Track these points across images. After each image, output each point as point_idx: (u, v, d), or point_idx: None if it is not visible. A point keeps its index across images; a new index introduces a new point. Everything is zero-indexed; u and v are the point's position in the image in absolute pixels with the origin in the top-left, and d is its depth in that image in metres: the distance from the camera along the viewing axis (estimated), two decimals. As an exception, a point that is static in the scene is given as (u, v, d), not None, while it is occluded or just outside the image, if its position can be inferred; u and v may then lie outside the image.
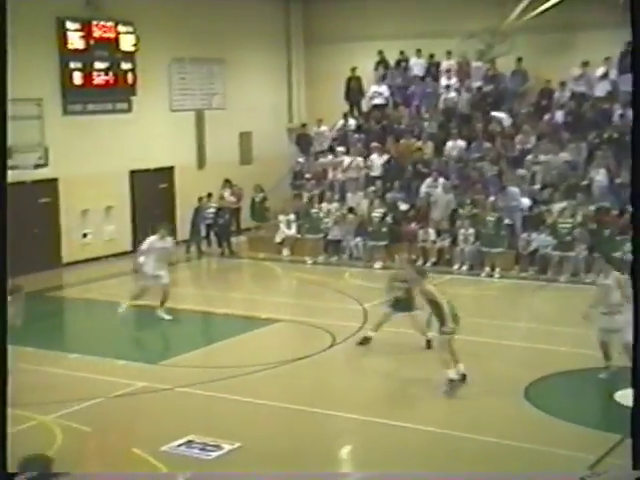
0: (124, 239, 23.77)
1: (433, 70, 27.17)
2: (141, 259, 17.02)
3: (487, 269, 21.07)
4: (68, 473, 6.65)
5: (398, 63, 27.68)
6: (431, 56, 27.14)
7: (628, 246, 20.15)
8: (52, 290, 19.90)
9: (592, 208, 21.48)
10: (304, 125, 28.42)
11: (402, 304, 14.40)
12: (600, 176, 22.25)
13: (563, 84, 25.11)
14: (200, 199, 24.45)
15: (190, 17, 25.22)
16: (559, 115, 24.69)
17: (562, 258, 20.40)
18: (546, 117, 24.85)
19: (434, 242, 22.18)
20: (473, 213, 22.19)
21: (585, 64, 24.80)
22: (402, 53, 27.49)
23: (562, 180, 22.69)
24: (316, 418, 11.43)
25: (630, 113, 23.52)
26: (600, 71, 24.75)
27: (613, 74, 24.67)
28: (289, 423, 11.37)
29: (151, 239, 17.06)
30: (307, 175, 26.23)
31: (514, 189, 22.27)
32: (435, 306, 12.12)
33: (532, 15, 24.18)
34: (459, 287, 19.12)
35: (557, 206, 21.54)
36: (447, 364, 11.99)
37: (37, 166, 20.77)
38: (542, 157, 23.32)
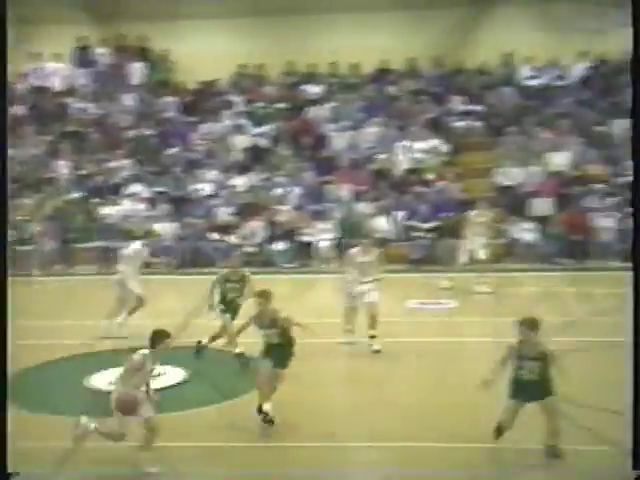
0: None
1: None
2: None
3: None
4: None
5: None
6: None
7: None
8: None
9: (63, 199, 22.06)
10: None
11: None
12: (64, 168, 22.90)
13: (22, 77, 25.24)
14: None
15: None
16: (21, 109, 24.82)
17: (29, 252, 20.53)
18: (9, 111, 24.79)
19: None
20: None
21: (40, 57, 25.20)
22: None
23: (29, 174, 22.92)
24: None
25: (89, 106, 24.49)
26: (55, 65, 25.30)
27: (68, 68, 25.44)
28: None
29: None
30: None
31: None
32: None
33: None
34: None
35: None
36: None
37: None
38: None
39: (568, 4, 23.05)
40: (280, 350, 9.78)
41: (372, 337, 12.96)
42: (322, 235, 20.71)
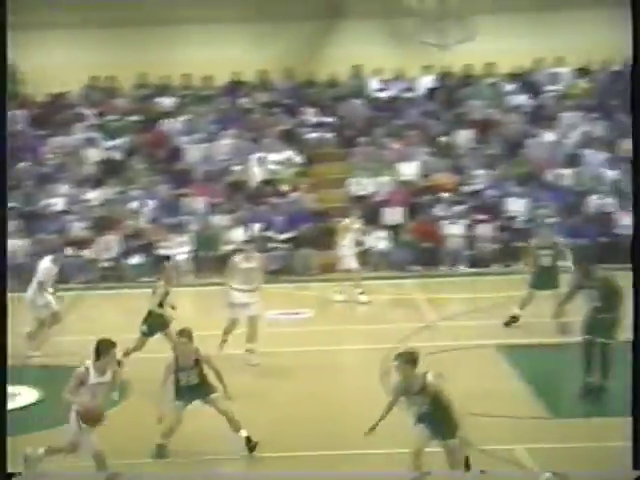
0: None
1: None
2: None
3: None
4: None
5: None
6: None
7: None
8: None
9: None
10: None
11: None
12: None
13: None
14: None
15: None
16: None
17: None
18: None
19: None
20: None
21: None
22: None
23: None
24: None
25: None
26: None
27: None
28: None
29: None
30: None
31: None
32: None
33: None
34: None
35: None
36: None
37: None
38: None
39: (413, 19, 23.87)
40: (201, 388, 9.62)
41: (249, 350, 13.08)
42: (178, 248, 20.69)
